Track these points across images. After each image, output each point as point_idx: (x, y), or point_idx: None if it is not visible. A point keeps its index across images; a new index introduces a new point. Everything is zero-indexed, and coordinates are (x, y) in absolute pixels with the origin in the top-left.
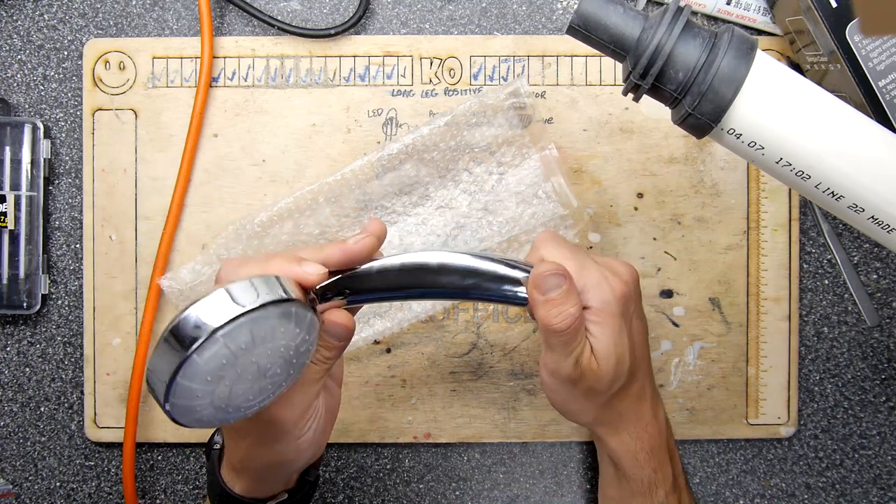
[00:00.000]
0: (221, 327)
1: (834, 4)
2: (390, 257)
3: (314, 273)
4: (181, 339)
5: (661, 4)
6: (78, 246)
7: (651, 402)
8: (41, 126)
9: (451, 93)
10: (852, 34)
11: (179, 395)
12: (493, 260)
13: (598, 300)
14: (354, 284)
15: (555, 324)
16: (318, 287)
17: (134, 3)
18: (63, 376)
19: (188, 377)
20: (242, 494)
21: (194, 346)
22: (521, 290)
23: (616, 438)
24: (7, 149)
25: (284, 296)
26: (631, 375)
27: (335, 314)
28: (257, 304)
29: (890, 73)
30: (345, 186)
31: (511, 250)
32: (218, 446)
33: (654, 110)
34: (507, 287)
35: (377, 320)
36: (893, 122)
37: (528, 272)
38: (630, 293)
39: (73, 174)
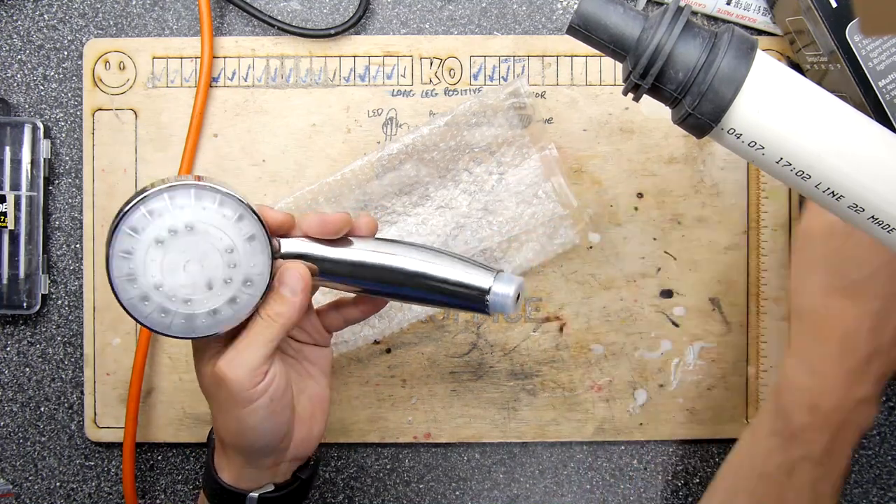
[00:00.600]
0: (151, 194)
1: (834, 4)
2: (360, 247)
3: (278, 213)
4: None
5: (661, 4)
6: (78, 246)
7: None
8: (41, 126)
9: (451, 93)
10: (852, 34)
11: (117, 253)
12: (464, 263)
13: None
14: (321, 256)
15: None
16: (282, 250)
17: (134, 3)
18: (63, 376)
19: (120, 238)
20: (230, 483)
21: (127, 207)
22: (488, 297)
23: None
24: (7, 149)
25: (221, 189)
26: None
27: (292, 262)
28: (189, 182)
29: (890, 73)
30: (345, 186)
31: (511, 250)
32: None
33: (654, 110)
34: (471, 295)
35: (377, 320)
36: (893, 122)
37: (496, 276)
38: None
39: (73, 174)
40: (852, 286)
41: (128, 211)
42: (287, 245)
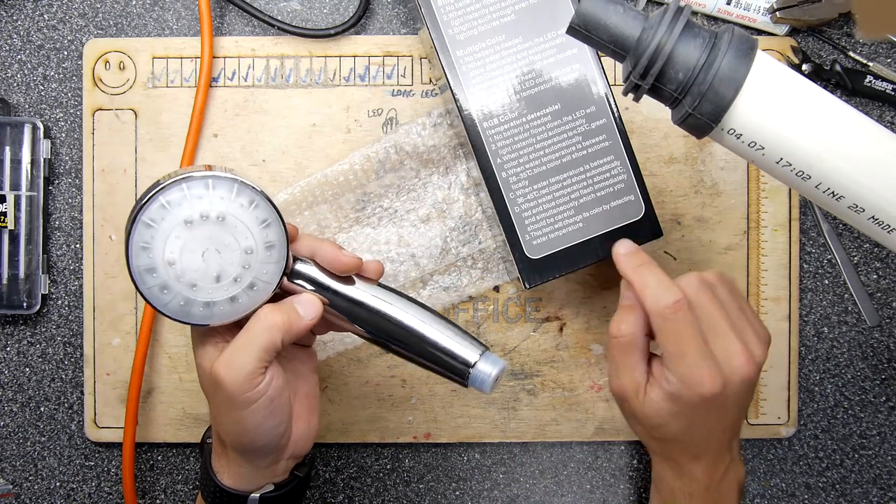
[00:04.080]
0: (164, 187)
1: None
2: (364, 288)
3: (295, 230)
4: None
5: (661, 4)
6: (78, 246)
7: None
8: (41, 126)
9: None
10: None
11: (137, 241)
12: (455, 332)
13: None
14: (327, 286)
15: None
16: (294, 267)
17: (134, 3)
18: (63, 376)
19: (140, 228)
20: (229, 486)
21: (146, 198)
22: (471, 371)
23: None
24: (7, 149)
25: (260, 191)
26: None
27: (308, 296)
28: (206, 174)
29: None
30: (345, 186)
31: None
32: (210, 441)
33: (654, 110)
34: (455, 365)
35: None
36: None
37: (483, 354)
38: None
39: (73, 174)
40: (673, 438)
41: (168, 185)
42: (299, 265)
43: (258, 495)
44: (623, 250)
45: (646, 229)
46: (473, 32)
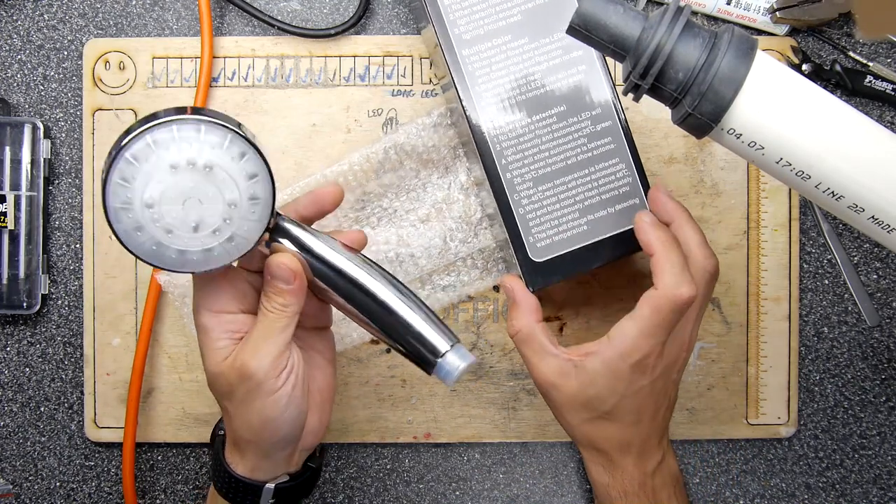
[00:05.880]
0: (154, 126)
1: None
2: (345, 255)
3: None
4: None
5: (661, 4)
6: (78, 246)
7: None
8: (41, 126)
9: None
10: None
11: (116, 176)
12: (430, 319)
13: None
14: (307, 246)
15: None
16: (279, 221)
17: (134, 3)
18: (63, 376)
19: (122, 164)
20: (244, 475)
21: (134, 133)
22: (439, 361)
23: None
24: (7, 149)
25: (239, 132)
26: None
27: (280, 255)
28: (199, 119)
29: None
30: (344, 186)
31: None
32: (222, 432)
33: (654, 110)
34: (423, 351)
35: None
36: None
37: (454, 346)
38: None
39: (73, 174)
40: (605, 415)
41: (158, 124)
42: (284, 223)
43: (273, 485)
44: (648, 219)
45: None
46: (479, 32)
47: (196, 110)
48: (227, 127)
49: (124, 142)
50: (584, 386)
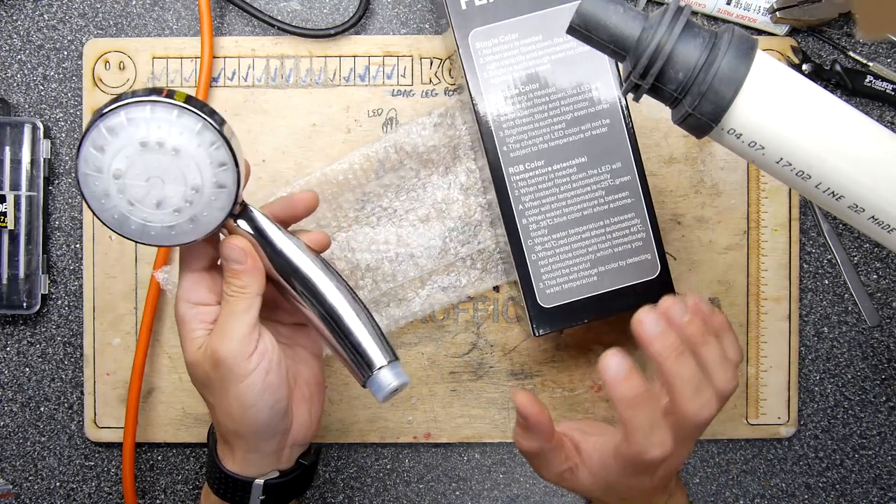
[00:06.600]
0: (128, 104)
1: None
2: (304, 254)
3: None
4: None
5: (661, 4)
6: (78, 246)
7: None
8: (41, 126)
9: (451, 93)
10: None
11: (90, 143)
12: (373, 332)
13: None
14: (268, 238)
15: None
16: (243, 211)
17: (134, 3)
18: (63, 376)
19: (96, 133)
20: (235, 472)
21: (114, 105)
22: (371, 374)
23: None
24: (7, 149)
25: (223, 133)
26: None
27: (232, 237)
28: (175, 104)
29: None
30: (344, 185)
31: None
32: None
33: (654, 110)
34: (359, 362)
35: (377, 318)
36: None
37: (391, 362)
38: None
39: (72, 174)
40: (609, 496)
41: (136, 102)
42: (250, 211)
43: (262, 481)
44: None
45: (659, 289)
46: (507, 78)
47: (171, 93)
48: (199, 115)
49: (104, 111)
50: (584, 488)
